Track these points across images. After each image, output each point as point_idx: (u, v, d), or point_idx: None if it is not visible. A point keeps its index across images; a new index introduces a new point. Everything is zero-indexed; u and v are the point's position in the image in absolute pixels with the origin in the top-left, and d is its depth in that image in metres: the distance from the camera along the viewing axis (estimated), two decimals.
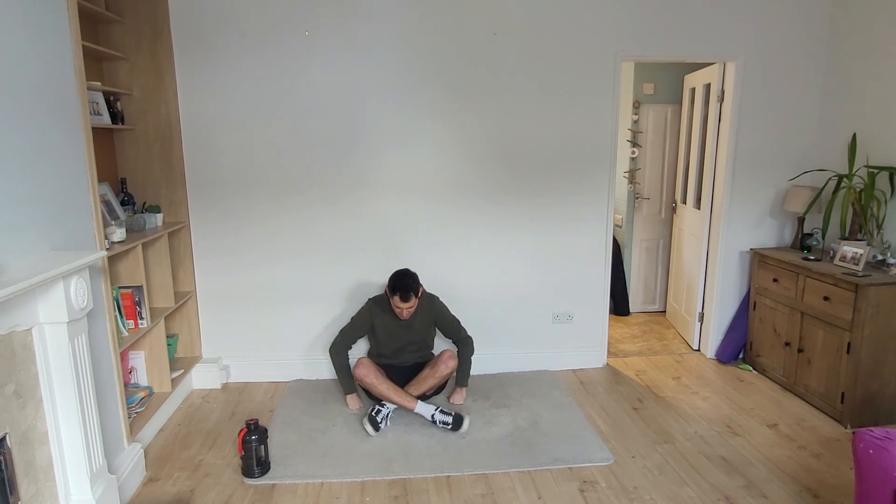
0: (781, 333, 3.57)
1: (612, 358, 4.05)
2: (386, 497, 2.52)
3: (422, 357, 3.37)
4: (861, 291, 2.95)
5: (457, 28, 3.42)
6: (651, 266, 5.06)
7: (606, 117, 3.61)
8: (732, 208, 3.87)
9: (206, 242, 3.53)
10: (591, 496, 2.51)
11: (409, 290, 3.08)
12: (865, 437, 1.93)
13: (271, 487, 2.58)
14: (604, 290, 3.85)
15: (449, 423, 3.00)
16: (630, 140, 4.86)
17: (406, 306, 3.10)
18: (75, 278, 2.00)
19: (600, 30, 3.51)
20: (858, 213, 3.32)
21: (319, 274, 3.61)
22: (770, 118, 3.77)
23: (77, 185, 2.28)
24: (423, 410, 3.07)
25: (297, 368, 3.71)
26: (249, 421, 2.64)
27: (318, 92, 3.41)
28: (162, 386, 3.19)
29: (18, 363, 1.89)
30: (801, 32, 3.69)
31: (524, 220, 3.68)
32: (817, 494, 2.52)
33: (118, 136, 3.24)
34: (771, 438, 2.99)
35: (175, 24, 3.24)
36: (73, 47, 2.27)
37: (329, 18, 3.34)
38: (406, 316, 3.15)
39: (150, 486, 2.60)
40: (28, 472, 1.92)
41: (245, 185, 3.48)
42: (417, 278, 3.16)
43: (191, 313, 3.56)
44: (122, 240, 2.75)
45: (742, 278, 4.00)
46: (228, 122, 3.39)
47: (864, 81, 3.47)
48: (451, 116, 3.51)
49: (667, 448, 2.90)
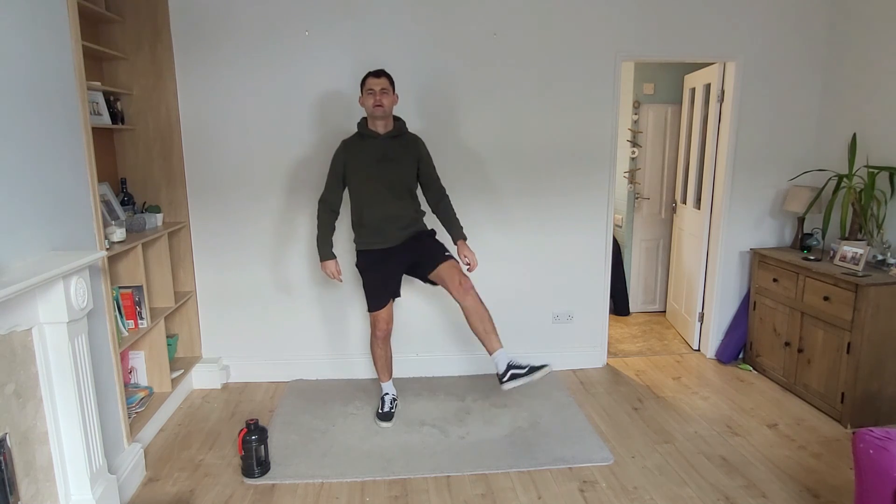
0: (781, 333, 3.57)
1: (612, 358, 4.05)
2: (386, 497, 2.51)
3: (414, 227, 3.00)
4: (861, 291, 2.95)
5: (457, 28, 3.42)
6: (651, 266, 5.06)
7: (606, 117, 3.61)
8: (732, 208, 3.87)
9: (206, 242, 3.53)
10: (591, 496, 2.51)
11: (381, 70, 2.87)
12: (865, 437, 1.93)
13: (271, 487, 2.58)
14: (604, 290, 3.85)
15: (524, 369, 2.72)
16: (630, 140, 4.86)
17: (379, 85, 2.82)
18: (75, 278, 2.00)
19: (600, 30, 3.51)
20: (858, 213, 3.32)
21: (320, 274, 3.61)
22: (770, 118, 3.77)
23: (77, 185, 2.28)
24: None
25: (297, 368, 3.71)
26: (249, 421, 2.64)
27: (317, 92, 3.41)
28: (162, 386, 3.19)
29: (18, 363, 1.89)
30: (801, 32, 3.69)
31: (524, 220, 3.68)
32: (817, 494, 2.52)
33: (118, 136, 3.24)
34: (771, 438, 2.99)
35: (175, 24, 3.24)
36: (73, 47, 2.27)
37: (329, 18, 3.34)
38: (381, 100, 2.81)
39: (150, 486, 2.60)
40: (28, 472, 1.92)
41: (245, 185, 3.48)
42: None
43: (191, 313, 3.56)
44: (122, 240, 2.75)
45: (742, 278, 4.00)
46: (228, 122, 3.39)
47: (863, 81, 3.47)
48: (450, 116, 3.51)
49: (667, 448, 2.90)
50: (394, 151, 2.93)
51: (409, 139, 3.02)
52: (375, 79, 2.84)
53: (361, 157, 2.92)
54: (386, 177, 2.91)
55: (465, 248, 3.01)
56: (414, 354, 3.73)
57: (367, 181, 2.92)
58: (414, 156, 2.99)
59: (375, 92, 2.83)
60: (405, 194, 2.98)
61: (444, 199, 3.09)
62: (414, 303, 3.65)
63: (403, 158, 2.95)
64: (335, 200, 3.01)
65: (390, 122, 2.94)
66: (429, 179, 3.06)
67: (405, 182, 2.97)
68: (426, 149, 3.06)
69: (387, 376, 3.24)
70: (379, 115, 2.86)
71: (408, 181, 2.98)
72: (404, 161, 2.95)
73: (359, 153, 2.93)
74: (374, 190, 2.91)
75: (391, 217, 2.94)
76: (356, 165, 2.93)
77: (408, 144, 2.99)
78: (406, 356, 3.71)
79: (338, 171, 2.97)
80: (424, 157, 3.03)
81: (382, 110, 2.85)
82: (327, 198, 3.01)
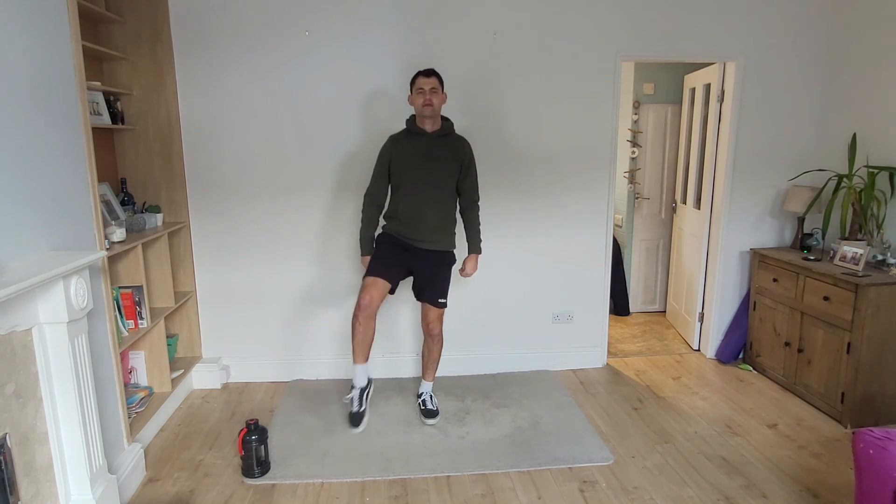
0: (781, 333, 3.57)
1: (612, 358, 4.05)
2: (386, 497, 2.51)
3: (441, 235, 3.01)
4: (861, 291, 2.95)
5: (456, 28, 3.42)
6: (651, 266, 5.06)
7: (606, 117, 3.61)
8: (732, 208, 3.87)
9: (206, 242, 3.53)
10: (591, 496, 2.51)
11: (431, 69, 2.92)
12: (865, 437, 1.93)
13: (271, 487, 2.58)
14: (604, 290, 3.85)
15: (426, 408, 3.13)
16: (630, 140, 4.86)
17: (429, 84, 2.86)
18: (75, 278, 2.00)
19: (600, 30, 3.51)
20: (858, 213, 3.32)
21: (320, 274, 3.61)
22: (770, 118, 3.77)
23: (77, 185, 2.28)
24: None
25: (297, 368, 3.71)
26: (249, 421, 2.64)
27: (318, 92, 3.41)
28: (162, 386, 3.19)
29: (18, 363, 1.89)
30: (801, 32, 3.69)
31: (524, 219, 3.68)
32: (817, 494, 2.52)
33: (118, 136, 3.24)
34: (771, 438, 2.99)
35: (175, 24, 3.24)
36: (73, 47, 2.27)
37: (329, 18, 3.34)
38: (430, 99, 2.85)
39: (150, 486, 2.60)
40: (28, 472, 1.92)
41: (245, 185, 3.48)
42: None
43: (191, 313, 3.56)
44: (122, 240, 2.75)
45: (742, 278, 4.00)
46: (228, 122, 3.39)
47: (864, 81, 3.47)
48: (450, 116, 3.50)
49: (667, 448, 2.90)
50: (439, 150, 2.96)
51: (455, 140, 3.04)
52: (426, 78, 2.88)
53: (407, 154, 2.96)
54: (428, 174, 2.95)
55: (471, 261, 3.13)
56: (414, 354, 3.73)
57: (410, 177, 2.95)
58: (458, 157, 3.00)
59: (425, 91, 2.86)
60: (445, 194, 3.00)
61: (473, 207, 3.12)
62: (414, 302, 3.64)
63: (447, 158, 2.98)
64: (380, 194, 3.06)
65: (438, 121, 2.98)
66: (464, 183, 3.05)
67: (446, 182, 2.99)
68: (471, 153, 3.07)
69: (362, 357, 2.92)
70: (428, 115, 2.90)
71: (449, 181, 3.00)
72: (448, 161, 2.98)
73: (405, 149, 2.97)
74: (415, 186, 2.95)
75: (425, 214, 2.95)
76: (401, 161, 2.96)
77: (453, 145, 3.01)
78: (406, 356, 3.71)
79: (384, 165, 3.01)
80: (467, 161, 3.04)
81: (432, 109, 2.88)
82: (373, 191, 3.07)
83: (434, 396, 3.26)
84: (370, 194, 3.08)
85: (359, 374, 2.99)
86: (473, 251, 3.13)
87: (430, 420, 3.11)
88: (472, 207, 3.12)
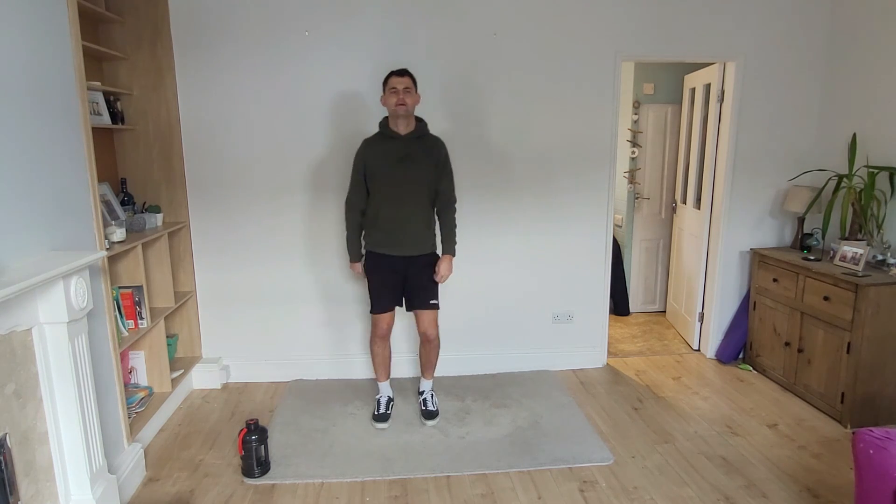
0: (781, 333, 3.57)
1: (612, 358, 4.05)
2: (386, 497, 2.52)
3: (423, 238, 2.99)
4: (861, 291, 2.95)
5: (456, 28, 3.42)
6: (651, 266, 5.06)
7: (606, 117, 3.61)
8: (732, 208, 3.87)
9: (206, 242, 3.53)
10: (591, 496, 2.51)
11: (404, 69, 2.88)
12: (865, 437, 1.93)
13: (271, 487, 2.58)
14: (604, 290, 3.85)
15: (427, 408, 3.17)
16: (630, 140, 4.86)
17: (402, 83, 2.82)
18: (75, 278, 2.00)
19: (600, 30, 3.51)
20: (858, 213, 3.32)
21: (320, 274, 3.61)
22: (770, 118, 3.77)
23: (77, 185, 2.28)
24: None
25: (297, 368, 3.71)
26: (249, 421, 2.64)
27: (318, 92, 3.40)
28: (162, 386, 3.19)
29: (18, 363, 1.89)
30: (801, 32, 3.69)
31: (524, 220, 3.68)
32: (817, 494, 2.52)
33: (118, 136, 3.24)
34: (771, 438, 2.99)
35: (175, 24, 3.24)
36: (73, 47, 2.27)
37: (329, 18, 3.34)
38: (404, 99, 2.81)
39: (150, 486, 2.60)
40: (28, 472, 1.92)
41: (245, 185, 3.48)
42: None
43: (191, 313, 3.56)
44: (122, 240, 2.75)
45: (742, 278, 4.00)
46: (228, 122, 3.39)
47: (864, 81, 3.47)
48: (450, 116, 3.50)
49: (667, 448, 2.90)
50: (415, 152, 2.92)
51: (430, 141, 3.00)
52: (399, 77, 2.84)
53: (382, 157, 2.92)
54: (405, 177, 2.91)
55: (445, 263, 3.02)
56: (413, 354, 3.73)
57: (387, 181, 2.92)
58: (434, 158, 2.97)
59: (399, 91, 2.82)
60: (423, 197, 2.96)
61: (449, 209, 3.06)
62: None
63: (424, 160, 2.93)
64: (359, 200, 3.03)
65: (412, 122, 2.94)
66: (440, 185, 3.01)
67: (424, 184, 2.95)
68: (447, 154, 3.03)
69: (384, 376, 3.22)
70: (402, 114, 2.86)
71: (427, 183, 2.96)
72: (424, 163, 2.93)
73: (379, 152, 2.93)
74: (393, 190, 2.92)
75: (407, 219, 2.93)
76: (376, 165, 2.92)
77: (429, 146, 2.97)
78: (406, 356, 3.71)
79: (359, 169, 2.98)
80: (442, 162, 3.00)
81: (405, 109, 2.84)
82: (352, 198, 3.04)
83: (435, 395, 3.27)
84: (350, 201, 3.04)
85: (383, 388, 3.25)
86: (448, 252, 3.05)
87: (430, 421, 3.12)
88: (449, 208, 3.06)
